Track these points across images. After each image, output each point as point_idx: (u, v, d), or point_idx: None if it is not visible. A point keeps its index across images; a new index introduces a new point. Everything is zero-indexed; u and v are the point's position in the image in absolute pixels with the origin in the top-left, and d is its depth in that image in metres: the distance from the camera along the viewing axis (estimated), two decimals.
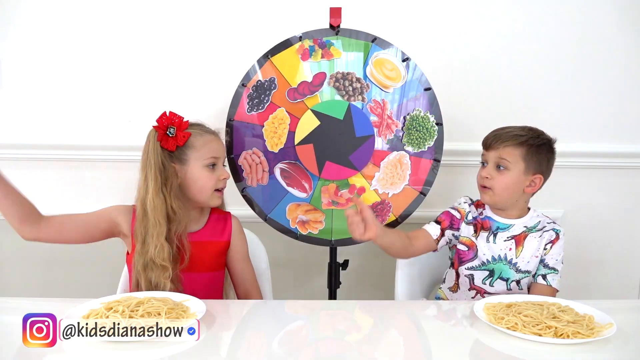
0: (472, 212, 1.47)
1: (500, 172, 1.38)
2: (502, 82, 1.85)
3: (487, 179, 1.39)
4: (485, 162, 1.42)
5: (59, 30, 1.80)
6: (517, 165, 1.36)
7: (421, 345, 1.05)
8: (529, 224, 1.44)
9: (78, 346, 0.97)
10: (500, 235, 1.43)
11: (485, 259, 1.42)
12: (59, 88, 1.82)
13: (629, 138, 1.91)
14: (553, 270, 1.41)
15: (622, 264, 2.01)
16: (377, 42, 1.55)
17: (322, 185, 1.58)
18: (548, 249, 1.42)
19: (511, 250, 1.41)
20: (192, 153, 1.32)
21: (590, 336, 1.00)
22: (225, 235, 1.41)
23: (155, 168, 1.28)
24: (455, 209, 1.49)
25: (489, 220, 1.45)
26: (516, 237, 1.42)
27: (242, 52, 1.73)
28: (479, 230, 1.44)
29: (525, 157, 1.36)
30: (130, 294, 1.15)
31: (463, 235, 1.45)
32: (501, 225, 1.43)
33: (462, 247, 1.45)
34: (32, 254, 1.92)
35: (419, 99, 1.56)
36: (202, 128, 1.36)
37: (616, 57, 1.86)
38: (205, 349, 1.00)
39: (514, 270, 1.41)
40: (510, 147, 1.36)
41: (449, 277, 1.51)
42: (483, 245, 1.43)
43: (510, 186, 1.38)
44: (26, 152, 1.84)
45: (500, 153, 1.37)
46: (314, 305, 1.26)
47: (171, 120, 1.31)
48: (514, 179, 1.37)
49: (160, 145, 1.30)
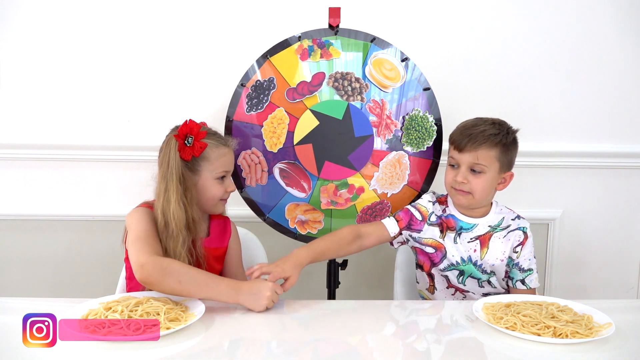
0: (436, 210, 1.41)
1: (476, 175, 1.32)
2: (501, 82, 1.85)
3: (464, 184, 1.32)
4: (456, 165, 1.35)
5: (59, 31, 1.79)
6: (493, 166, 1.31)
7: (420, 346, 1.05)
8: (493, 222, 1.38)
9: (78, 346, 0.97)
10: (464, 236, 1.38)
11: (454, 260, 1.38)
12: (59, 88, 1.82)
13: (628, 138, 1.91)
14: (529, 271, 1.37)
15: (620, 263, 2.01)
16: (376, 42, 1.55)
17: (321, 185, 1.58)
18: (519, 252, 1.37)
19: (476, 251, 1.37)
20: (206, 165, 1.32)
21: (589, 336, 1.00)
22: (225, 240, 1.43)
23: (177, 178, 1.27)
24: (416, 208, 1.43)
25: (452, 219, 1.39)
26: (481, 238, 1.37)
27: (241, 52, 1.73)
28: (445, 230, 1.39)
29: (500, 157, 1.31)
30: (129, 294, 1.15)
31: (426, 237, 1.40)
32: (465, 225, 1.38)
33: (429, 249, 1.41)
34: (32, 254, 1.92)
35: (418, 99, 1.56)
36: (218, 139, 1.36)
37: (614, 57, 1.86)
38: (204, 349, 1.00)
39: (480, 271, 1.38)
40: (485, 149, 1.30)
41: (421, 279, 1.48)
42: (451, 247, 1.38)
43: (487, 188, 1.33)
44: (26, 152, 1.84)
45: (477, 156, 1.30)
46: (313, 305, 1.26)
47: (190, 129, 1.31)
48: (489, 180, 1.32)
49: (179, 155, 1.29)
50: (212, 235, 1.41)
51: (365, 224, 1.45)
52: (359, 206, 1.59)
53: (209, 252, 1.36)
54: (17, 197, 1.89)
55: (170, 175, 1.28)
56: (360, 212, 1.60)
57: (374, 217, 1.59)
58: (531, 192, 1.89)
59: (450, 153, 1.38)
